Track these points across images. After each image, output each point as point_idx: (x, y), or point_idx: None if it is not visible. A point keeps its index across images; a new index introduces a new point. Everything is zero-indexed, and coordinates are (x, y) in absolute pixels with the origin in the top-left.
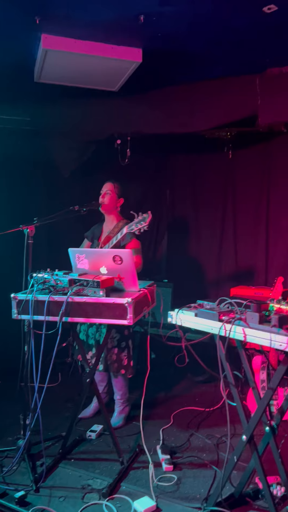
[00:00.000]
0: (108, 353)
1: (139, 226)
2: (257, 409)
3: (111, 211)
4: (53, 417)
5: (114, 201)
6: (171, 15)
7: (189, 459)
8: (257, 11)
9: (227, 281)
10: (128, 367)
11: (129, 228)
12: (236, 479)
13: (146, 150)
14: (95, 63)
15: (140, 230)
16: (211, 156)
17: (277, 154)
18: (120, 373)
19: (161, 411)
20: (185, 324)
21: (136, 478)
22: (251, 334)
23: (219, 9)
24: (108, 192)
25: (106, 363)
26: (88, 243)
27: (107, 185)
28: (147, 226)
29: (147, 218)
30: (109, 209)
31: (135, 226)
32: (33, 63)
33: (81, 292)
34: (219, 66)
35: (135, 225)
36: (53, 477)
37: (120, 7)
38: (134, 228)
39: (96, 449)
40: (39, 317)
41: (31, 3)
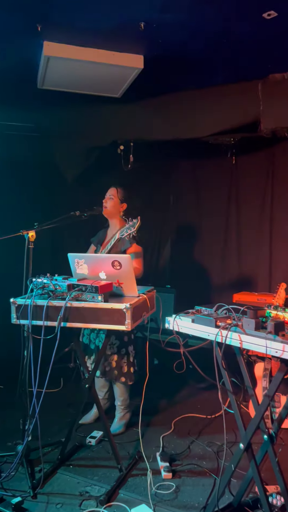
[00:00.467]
0: (106, 359)
1: (128, 231)
2: (254, 416)
3: (114, 216)
4: (54, 422)
5: (117, 206)
6: (172, 22)
7: (188, 466)
8: (257, 18)
9: (231, 287)
10: (128, 374)
11: (120, 233)
12: (235, 488)
13: (149, 155)
14: (97, 69)
15: (130, 235)
16: (215, 162)
17: (281, 160)
18: (120, 381)
19: (162, 418)
20: (182, 330)
21: (135, 485)
22: (247, 340)
23: (219, 16)
24: (111, 197)
25: (104, 369)
26: (93, 248)
27: (110, 190)
28: (135, 232)
29: (136, 223)
30: (111, 214)
31: (125, 231)
32: (36, 70)
33: (79, 297)
34: (221, 72)
35: (126, 231)
36: (51, 483)
37: (120, 15)
38: (125, 234)
39: (95, 455)
40: (38, 322)
41: (32, 11)
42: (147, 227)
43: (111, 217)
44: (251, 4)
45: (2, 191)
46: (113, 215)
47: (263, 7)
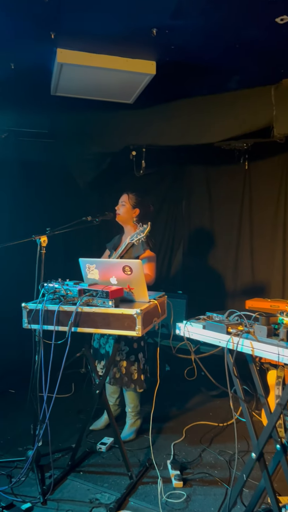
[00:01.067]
0: (116, 365)
1: (138, 236)
2: (267, 425)
3: (127, 222)
4: (64, 428)
5: (129, 212)
6: (184, 27)
7: (200, 475)
8: (270, 22)
9: (243, 293)
10: (138, 381)
11: (130, 239)
12: (247, 498)
13: (161, 161)
14: (110, 76)
15: (139, 240)
16: (227, 167)
17: None
18: (130, 387)
19: (173, 425)
20: (193, 336)
21: (145, 493)
22: (259, 347)
23: (231, 21)
24: (123, 204)
25: (114, 376)
26: (108, 253)
27: (122, 197)
28: (144, 237)
29: (145, 229)
30: (124, 220)
31: (135, 237)
32: (49, 76)
33: (90, 302)
34: (233, 77)
35: (136, 236)
36: (61, 490)
37: (132, 21)
38: (135, 239)
39: (105, 462)
40: (49, 326)
41: (46, 19)
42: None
43: (124, 223)
44: (264, 9)
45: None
46: (126, 221)
47: (276, 12)
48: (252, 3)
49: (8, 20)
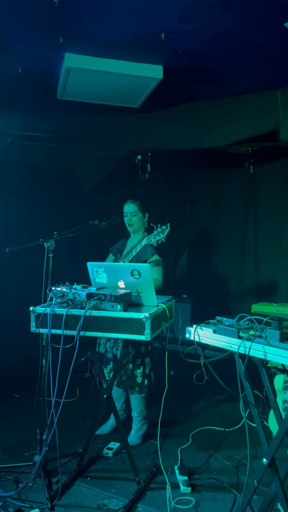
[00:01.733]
0: (122, 368)
1: (157, 238)
2: (279, 431)
3: (140, 229)
4: (70, 433)
5: (142, 219)
6: (192, 32)
7: (208, 481)
8: (278, 27)
9: (248, 297)
10: (142, 385)
11: (147, 240)
12: (257, 504)
13: (166, 165)
14: (117, 80)
15: (159, 242)
16: (232, 171)
17: None
18: (134, 391)
19: (179, 430)
20: (203, 340)
21: (153, 499)
22: (272, 352)
23: (239, 26)
24: (133, 213)
25: (120, 379)
26: (113, 257)
27: (129, 207)
28: (165, 238)
29: (165, 230)
30: (139, 228)
31: (153, 238)
32: (56, 81)
33: (98, 306)
34: (240, 82)
35: (154, 237)
36: (68, 495)
37: (141, 26)
38: (153, 240)
39: (112, 467)
40: (57, 330)
41: (55, 23)
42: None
43: (137, 231)
44: (273, 14)
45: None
46: (140, 228)
47: (285, 16)
48: (261, 8)
49: (17, 25)
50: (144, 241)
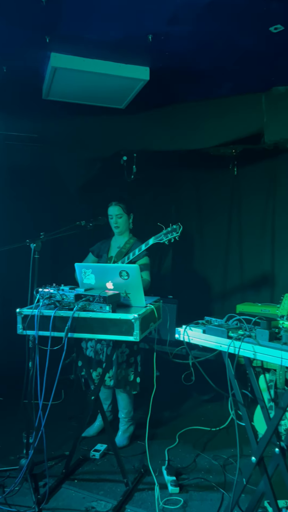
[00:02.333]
0: (119, 368)
1: (169, 236)
2: (267, 429)
3: (125, 231)
4: (56, 435)
5: (127, 221)
6: (179, 34)
7: (195, 481)
8: (264, 31)
9: (233, 297)
10: (133, 383)
11: (157, 239)
12: (244, 503)
13: (151, 166)
14: (103, 81)
15: (171, 241)
16: (216, 173)
17: (282, 171)
18: (125, 389)
19: (166, 431)
20: (193, 340)
21: (141, 500)
22: (261, 351)
23: (226, 29)
24: (119, 216)
25: (117, 379)
26: (93, 258)
27: (114, 209)
28: (178, 236)
29: (178, 229)
30: (124, 229)
31: (164, 236)
32: (41, 80)
33: (87, 308)
34: (225, 84)
35: (164, 236)
36: (56, 499)
37: (128, 27)
38: (164, 239)
39: (100, 469)
40: (44, 332)
41: (42, 23)
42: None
43: (123, 232)
44: (260, 18)
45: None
46: (126, 229)
47: (271, 21)
48: (247, 12)
49: (2, 23)
50: (151, 240)
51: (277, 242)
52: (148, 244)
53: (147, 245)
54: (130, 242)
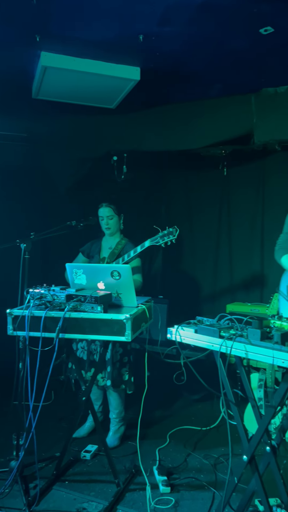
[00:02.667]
0: (115, 367)
1: (165, 239)
2: (259, 428)
3: (116, 231)
4: (46, 436)
5: (118, 222)
6: (170, 35)
7: (186, 480)
8: (254, 33)
9: (223, 297)
10: (128, 382)
11: (153, 241)
12: (235, 502)
13: (142, 166)
14: (93, 80)
15: (167, 243)
16: (206, 173)
17: (271, 172)
18: (120, 388)
19: (157, 431)
20: (184, 340)
21: (133, 500)
22: (253, 351)
23: (217, 31)
24: (110, 217)
25: (113, 378)
26: (83, 258)
27: (105, 211)
28: (175, 239)
29: (175, 232)
30: (116, 230)
31: (160, 239)
32: (31, 79)
33: (78, 308)
34: (216, 85)
35: (161, 239)
36: (46, 500)
37: (119, 27)
38: (161, 241)
39: (91, 470)
40: (35, 333)
41: (32, 22)
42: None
43: (114, 233)
44: (250, 20)
45: None
46: (117, 230)
47: (261, 23)
48: (238, 14)
49: None
50: (147, 242)
51: (266, 243)
52: (144, 246)
53: (142, 247)
54: (122, 243)
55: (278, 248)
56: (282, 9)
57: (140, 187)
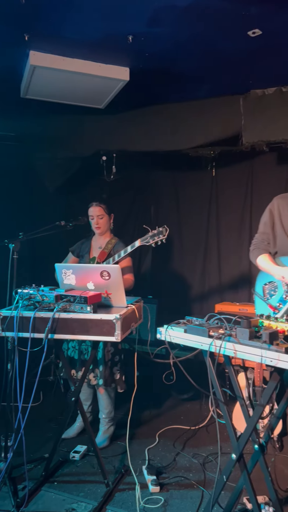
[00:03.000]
0: (107, 367)
1: (156, 239)
2: (247, 426)
3: (107, 231)
4: (35, 438)
5: (108, 221)
6: (159, 36)
7: (175, 479)
8: (243, 35)
9: (211, 297)
10: (120, 381)
11: (143, 241)
12: (223, 500)
13: (131, 166)
14: (83, 80)
15: (157, 243)
16: (195, 174)
17: (259, 172)
18: (111, 387)
19: (146, 430)
20: (174, 340)
21: (122, 500)
22: (242, 350)
23: (205, 32)
24: (100, 216)
25: (105, 377)
26: (73, 258)
27: (95, 210)
28: (165, 239)
29: (165, 231)
30: (106, 230)
31: (151, 239)
32: (20, 79)
33: (67, 308)
34: (204, 86)
35: (151, 238)
36: (35, 502)
37: (109, 27)
38: (151, 241)
39: (80, 470)
40: (24, 334)
41: (20, 21)
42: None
43: (104, 233)
44: (238, 22)
45: None
46: (107, 230)
47: (249, 25)
48: (227, 16)
49: None
50: (137, 243)
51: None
52: (134, 246)
53: (133, 247)
54: (111, 242)
55: (254, 248)
56: (270, 12)
57: (129, 187)
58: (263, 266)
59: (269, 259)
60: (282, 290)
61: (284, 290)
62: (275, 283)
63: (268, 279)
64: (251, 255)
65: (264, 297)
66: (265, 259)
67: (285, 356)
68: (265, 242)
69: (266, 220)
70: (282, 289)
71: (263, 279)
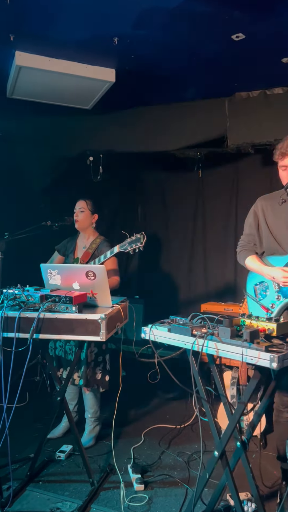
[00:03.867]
0: (89, 367)
1: (133, 246)
2: (229, 424)
3: (86, 228)
4: (20, 438)
5: (89, 218)
6: (145, 38)
7: (160, 477)
8: (227, 39)
9: (198, 297)
10: (102, 381)
11: (121, 247)
12: (207, 497)
13: (118, 167)
14: (69, 81)
15: (135, 250)
16: (182, 175)
17: (245, 173)
18: (93, 388)
19: (131, 429)
20: (158, 339)
21: (107, 499)
22: (223, 348)
23: (190, 35)
24: (81, 210)
25: (87, 378)
26: (59, 256)
27: (79, 203)
28: (142, 247)
29: (142, 239)
30: (84, 226)
31: (128, 246)
32: (6, 79)
33: (53, 308)
34: (190, 89)
35: (129, 245)
36: (20, 501)
37: (94, 28)
38: (128, 248)
39: (65, 470)
40: (9, 334)
41: (6, 21)
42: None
43: (83, 229)
44: (222, 26)
45: None
46: (86, 227)
47: (233, 29)
48: (210, 20)
49: None
50: (116, 248)
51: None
52: (113, 252)
53: (112, 253)
54: (96, 242)
55: (241, 250)
56: (253, 17)
57: (116, 187)
58: (253, 267)
59: (257, 260)
60: (274, 290)
61: (275, 290)
62: (265, 283)
63: (258, 280)
64: (238, 257)
65: (256, 297)
66: (254, 260)
67: (266, 354)
68: (251, 243)
69: (251, 221)
70: (274, 289)
71: (254, 279)
